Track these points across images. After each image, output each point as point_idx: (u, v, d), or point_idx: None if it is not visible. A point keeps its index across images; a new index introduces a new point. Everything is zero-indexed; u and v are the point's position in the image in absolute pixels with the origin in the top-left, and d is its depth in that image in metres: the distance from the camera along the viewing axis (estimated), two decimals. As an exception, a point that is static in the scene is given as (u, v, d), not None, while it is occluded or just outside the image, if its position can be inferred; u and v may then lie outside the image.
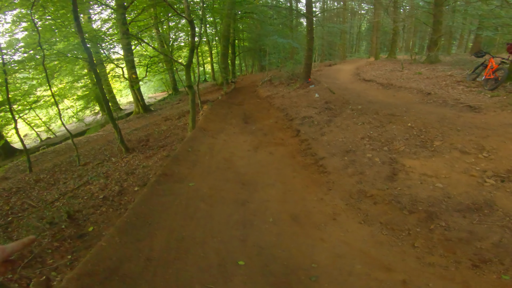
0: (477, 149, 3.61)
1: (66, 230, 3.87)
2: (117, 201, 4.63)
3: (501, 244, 2.25)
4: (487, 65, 7.08)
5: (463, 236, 2.44)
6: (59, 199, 5.14)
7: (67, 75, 13.11)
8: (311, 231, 2.98)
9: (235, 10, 13.54)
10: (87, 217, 4.22)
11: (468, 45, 23.68)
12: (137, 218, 3.19)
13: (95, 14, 13.16)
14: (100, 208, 4.48)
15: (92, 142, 10.09)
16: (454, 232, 2.50)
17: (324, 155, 4.23)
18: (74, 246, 3.49)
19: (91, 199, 4.81)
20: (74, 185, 5.61)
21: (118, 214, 4.21)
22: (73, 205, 4.72)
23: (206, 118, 6.90)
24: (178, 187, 3.83)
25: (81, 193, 5.23)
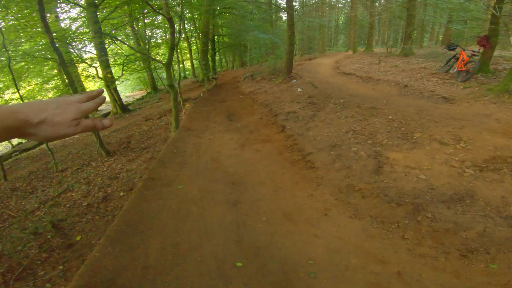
0: (455, 140, 3.80)
1: (53, 240, 3.71)
2: (102, 208, 4.47)
3: (485, 233, 2.38)
4: (459, 57, 7.44)
5: (449, 226, 2.56)
6: (39, 208, 4.90)
7: (35, 77, 12.35)
8: (304, 227, 3.02)
9: (214, 5, 13.26)
10: (72, 226, 4.06)
11: (439, 38, 24.77)
12: (127, 225, 3.11)
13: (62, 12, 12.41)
14: (86, 216, 4.31)
15: (69, 146, 9.60)
16: (441, 223, 2.61)
17: (311, 151, 4.28)
18: (64, 257, 3.36)
19: (74, 207, 4.60)
20: (54, 193, 5.34)
21: (105, 221, 4.08)
22: (56, 214, 4.51)
23: (189, 117, 6.76)
24: (167, 191, 3.75)
25: (62, 201, 5.00)
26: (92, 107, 0.52)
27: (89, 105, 0.51)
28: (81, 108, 0.49)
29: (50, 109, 0.45)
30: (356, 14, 19.78)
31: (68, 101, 0.49)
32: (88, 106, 0.51)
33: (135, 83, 26.68)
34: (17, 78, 10.37)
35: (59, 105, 0.47)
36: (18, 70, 10.08)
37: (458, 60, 7.41)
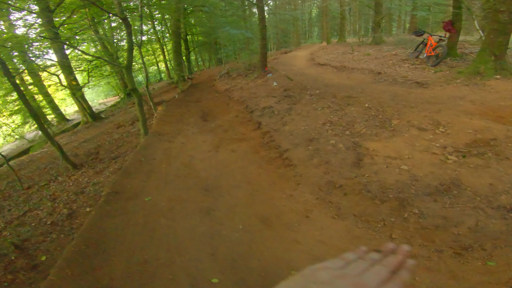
0: (433, 125, 3.69)
1: (17, 261, 3.53)
2: (67, 226, 4.17)
3: (478, 228, 2.22)
4: (427, 43, 7.49)
5: (438, 222, 2.38)
6: (6, 228, 4.62)
7: (-6, 89, 11.33)
8: (284, 233, 2.78)
9: (183, 4, 12.71)
10: (37, 246, 3.83)
11: (406, 26, 25.38)
12: (87, 245, 2.75)
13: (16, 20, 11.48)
14: (50, 235, 4.06)
15: (37, 161, 8.91)
16: (429, 219, 2.44)
17: (288, 147, 4.05)
18: (29, 278, 3.21)
19: (39, 226, 4.32)
20: (20, 212, 4.97)
21: (71, 240, 3.81)
22: (20, 233, 4.22)
23: (160, 120, 6.34)
24: (132, 204, 3.39)
25: (28, 219, 4.76)
26: None
27: None
28: None
29: None
30: (327, 5, 19.79)
31: None
32: None
33: (107, 89, 25.48)
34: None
35: None
36: None
37: (427, 45, 7.47)
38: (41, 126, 5.41)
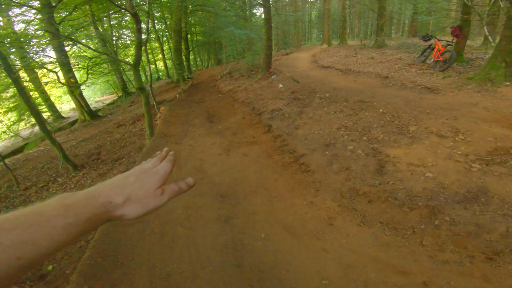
0: (452, 132, 3.64)
1: None
2: None
3: (508, 234, 2.19)
4: (434, 48, 7.49)
5: (471, 229, 2.34)
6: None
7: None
8: (310, 241, 2.68)
9: (185, 3, 12.55)
10: None
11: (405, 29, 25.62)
12: (103, 258, 2.60)
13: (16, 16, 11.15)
14: None
15: (33, 160, 8.62)
16: (461, 226, 2.39)
17: (303, 152, 3.94)
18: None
19: None
20: None
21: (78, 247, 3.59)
22: None
23: (165, 121, 6.17)
24: (146, 211, 3.24)
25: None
26: (169, 167, 0.48)
27: (167, 167, 0.48)
28: (160, 172, 0.45)
29: (129, 184, 0.41)
30: (329, 8, 19.82)
31: (143, 170, 0.45)
32: (166, 168, 0.47)
33: (104, 87, 25.07)
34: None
35: (137, 177, 0.43)
36: None
37: (434, 50, 7.46)
38: (41, 123, 5.20)
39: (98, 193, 0.39)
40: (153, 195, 0.42)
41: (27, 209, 0.33)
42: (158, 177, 0.45)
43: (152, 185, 0.43)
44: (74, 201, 0.35)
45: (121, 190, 0.40)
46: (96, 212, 0.36)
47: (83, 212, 0.35)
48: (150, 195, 0.42)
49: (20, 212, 0.32)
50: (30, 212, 0.32)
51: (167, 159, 0.50)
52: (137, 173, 0.45)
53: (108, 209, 0.38)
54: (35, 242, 0.30)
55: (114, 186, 0.41)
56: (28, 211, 0.32)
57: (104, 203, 0.38)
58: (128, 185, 0.41)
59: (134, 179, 0.43)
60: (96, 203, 0.37)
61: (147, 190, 0.42)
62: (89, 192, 0.39)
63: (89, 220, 0.35)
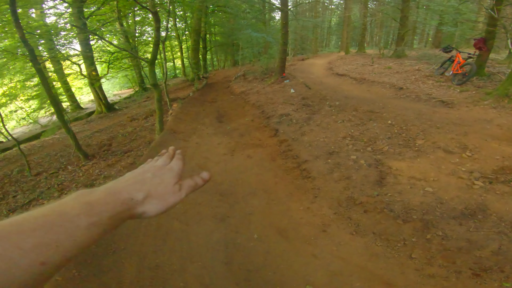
0: (460, 148, 3.55)
1: None
2: None
3: (500, 251, 2.16)
4: (454, 60, 7.28)
5: (462, 245, 2.31)
6: (8, 216, 4.43)
7: (17, 73, 11.60)
8: (301, 246, 2.70)
9: (206, 3, 12.82)
10: None
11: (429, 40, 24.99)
12: (96, 245, 2.70)
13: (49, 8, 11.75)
14: None
15: (48, 147, 9.01)
16: (453, 241, 2.36)
17: (306, 158, 3.95)
18: None
19: None
20: (24, 200, 4.88)
21: None
22: None
23: (176, 118, 6.32)
24: (146, 203, 3.34)
25: (32, 208, 4.54)
26: (181, 165, 0.49)
27: (179, 164, 0.48)
28: (174, 169, 0.46)
29: (148, 179, 0.41)
30: (350, 15, 19.65)
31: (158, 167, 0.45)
32: (179, 166, 0.48)
33: (123, 81, 25.86)
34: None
35: (154, 173, 0.43)
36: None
37: (454, 62, 7.25)
38: (59, 112, 5.45)
39: (118, 189, 0.37)
40: (172, 191, 0.42)
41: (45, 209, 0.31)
42: (174, 173, 0.45)
43: (170, 181, 0.43)
44: (95, 198, 0.34)
45: (141, 186, 0.39)
46: (118, 210, 0.35)
47: (105, 210, 0.33)
48: (169, 191, 0.42)
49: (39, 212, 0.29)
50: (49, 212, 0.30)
51: (176, 157, 0.50)
52: (151, 169, 0.44)
53: (130, 207, 0.37)
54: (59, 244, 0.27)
55: (133, 182, 0.40)
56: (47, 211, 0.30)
57: (125, 200, 0.36)
58: (147, 181, 0.41)
59: (151, 175, 0.42)
60: (117, 200, 0.35)
61: (166, 186, 0.42)
62: (109, 189, 0.37)
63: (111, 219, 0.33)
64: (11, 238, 0.25)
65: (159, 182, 0.41)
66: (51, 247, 0.27)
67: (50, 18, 12.15)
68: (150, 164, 0.48)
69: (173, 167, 0.46)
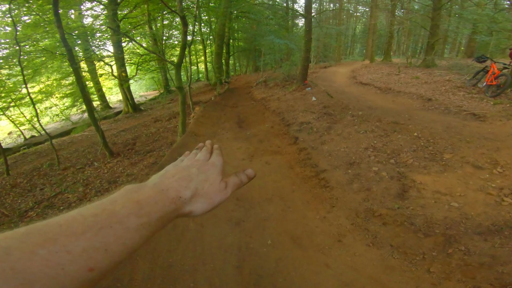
0: (490, 164, 3.35)
1: None
2: None
3: None
4: (489, 70, 6.88)
5: (484, 260, 2.21)
6: (33, 208, 4.72)
7: (54, 72, 12.48)
8: (314, 255, 2.66)
9: (231, 9, 13.13)
10: None
11: (461, 49, 23.88)
12: None
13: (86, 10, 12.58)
14: None
15: (77, 143, 9.53)
16: (475, 257, 2.25)
17: (325, 167, 3.89)
18: None
19: (67, 211, 4.37)
20: (51, 193, 5.17)
21: None
22: (47, 216, 4.32)
23: (197, 121, 6.48)
24: (165, 202, 3.43)
25: (57, 202, 4.83)
26: (221, 160, 0.47)
27: (220, 159, 0.47)
28: (218, 166, 0.44)
29: (194, 176, 0.39)
30: (376, 23, 19.26)
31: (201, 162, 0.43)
32: (220, 161, 0.46)
33: (149, 83, 26.94)
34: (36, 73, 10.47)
35: (199, 168, 0.41)
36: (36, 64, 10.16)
37: (488, 73, 6.85)
38: (90, 111, 5.77)
39: (166, 186, 0.35)
40: (218, 189, 0.40)
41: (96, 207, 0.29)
42: (218, 169, 0.43)
43: (215, 178, 0.41)
44: (145, 197, 0.32)
45: (187, 183, 0.37)
46: (167, 210, 0.33)
47: (155, 210, 0.31)
48: (216, 189, 0.39)
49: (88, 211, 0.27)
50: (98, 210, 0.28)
51: (216, 152, 0.48)
52: (195, 164, 0.42)
53: (178, 206, 0.34)
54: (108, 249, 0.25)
55: (179, 178, 0.37)
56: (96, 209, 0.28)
57: (174, 198, 0.34)
58: (193, 177, 0.38)
59: (196, 170, 0.40)
60: (166, 198, 0.33)
61: (212, 184, 0.39)
62: (157, 186, 0.35)
63: (160, 220, 0.31)
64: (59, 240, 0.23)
65: (205, 179, 0.39)
66: (100, 252, 0.25)
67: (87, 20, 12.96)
68: (190, 158, 0.45)
69: (216, 163, 0.44)
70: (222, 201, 0.40)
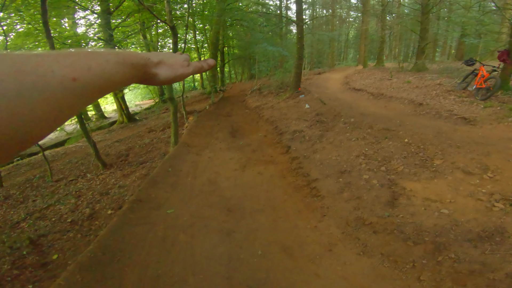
0: (480, 169, 3.36)
1: (28, 256, 3.55)
2: (86, 226, 4.23)
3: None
4: (478, 73, 6.95)
5: (475, 268, 2.20)
6: (25, 219, 4.72)
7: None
8: (305, 265, 2.64)
9: (224, 17, 13.25)
10: (52, 243, 3.86)
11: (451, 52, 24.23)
12: (103, 252, 2.77)
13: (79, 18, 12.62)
14: (67, 233, 4.10)
15: (70, 154, 9.46)
16: (465, 264, 2.25)
17: (317, 176, 3.88)
18: (35, 276, 3.18)
19: (58, 222, 4.39)
20: (43, 204, 5.13)
21: (87, 241, 3.84)
22: (39, 228, 4.31)
23: (190, 132, 6.46)
24: (155, 215, 3.41)
25: (49, 213, 4.82)
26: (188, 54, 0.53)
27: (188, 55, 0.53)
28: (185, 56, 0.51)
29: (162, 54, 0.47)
30: (367, 28, 19.53)
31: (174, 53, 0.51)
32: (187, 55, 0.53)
33: (144, 92, 26.95)
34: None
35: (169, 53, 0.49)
36: None
37: (477, 76, 6.91)
38: (81, 122, 5.74)
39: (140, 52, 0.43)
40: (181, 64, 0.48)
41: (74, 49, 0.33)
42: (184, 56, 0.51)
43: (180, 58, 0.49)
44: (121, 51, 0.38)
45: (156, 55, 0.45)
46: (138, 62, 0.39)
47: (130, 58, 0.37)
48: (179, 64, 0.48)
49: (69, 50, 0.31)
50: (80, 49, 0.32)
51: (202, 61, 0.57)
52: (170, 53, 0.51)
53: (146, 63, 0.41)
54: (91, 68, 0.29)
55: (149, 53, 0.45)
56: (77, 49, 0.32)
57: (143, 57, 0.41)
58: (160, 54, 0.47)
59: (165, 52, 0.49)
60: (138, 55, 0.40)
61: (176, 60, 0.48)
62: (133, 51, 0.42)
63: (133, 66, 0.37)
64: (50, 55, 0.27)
65: (171, 56, 0.48)
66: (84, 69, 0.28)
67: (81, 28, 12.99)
68: None
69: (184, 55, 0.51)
70: (184, 74, 0.48)
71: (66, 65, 0.27)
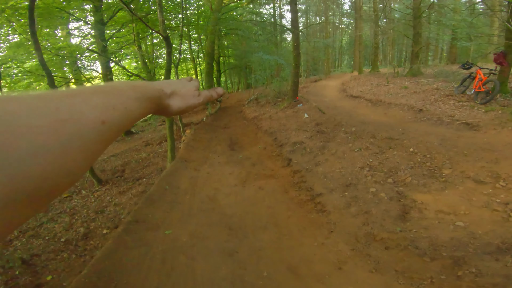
0: (492, 178, 3.23)
1: (21, 277, 3.40)
2: (81, 246, 4.05)
3: None
4: (475, 77, 6.91)
5: (498, 281, 2.07)
6: (18, 237, 4.55)
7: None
8: (313, 285, 2.49)
9: (219, 26, 13.26)
10: (45, 264, 3.70)
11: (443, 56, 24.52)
12: (98, 277, 2.58)
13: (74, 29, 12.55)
14: (61, 254, 3.93)
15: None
16: (487, 278, 2.11)
17: (321, 191, 3.73)
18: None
19: (52, 241, 4.21)
20: (36, 223, 4.95)
21: (82, 262, 3.67)
22: (32, 247, 4.13)
23: (187, 146, 6.29)
24: (152, 236, 3.22)
25: (43, 232, 4.68)
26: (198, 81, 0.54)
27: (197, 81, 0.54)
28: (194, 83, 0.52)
29: (174, 83, 0.48)
30: (361, 34, 19.71)
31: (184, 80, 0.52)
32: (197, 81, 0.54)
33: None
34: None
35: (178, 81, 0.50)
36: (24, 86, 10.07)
37: (475, 79, 6.86)
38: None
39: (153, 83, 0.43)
40: (192, 94, 0.49)
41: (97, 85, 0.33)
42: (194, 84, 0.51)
43: (191, 87, 0.49)
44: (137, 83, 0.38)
45: (168, 85, 0.45)
46: (154, 94, 0.39)
47: (146, 91, 0.37)
48: (190, 94, 0.48)
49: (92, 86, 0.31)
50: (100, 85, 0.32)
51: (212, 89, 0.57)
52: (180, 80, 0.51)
53: (161, 95, 0.41)
54: (115, 107, 0.28)
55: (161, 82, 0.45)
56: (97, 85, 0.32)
57: (158, 89, 0.41)
58: (172, 83, 0.47)
59: (176, 81, 0.49)
60: (153, 87, 0.40)
61: (188, 90, 0.48)
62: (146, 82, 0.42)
63: (149, 100, 0.37)
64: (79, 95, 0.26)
65: (183, 86, 0.48)
66: (109, 109, 0.28)
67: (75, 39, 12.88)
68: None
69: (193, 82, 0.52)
70: (195, 104, 0.49)
71: (94, 106, 0.26)
